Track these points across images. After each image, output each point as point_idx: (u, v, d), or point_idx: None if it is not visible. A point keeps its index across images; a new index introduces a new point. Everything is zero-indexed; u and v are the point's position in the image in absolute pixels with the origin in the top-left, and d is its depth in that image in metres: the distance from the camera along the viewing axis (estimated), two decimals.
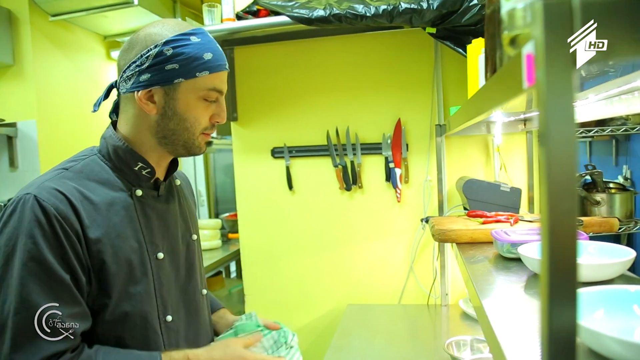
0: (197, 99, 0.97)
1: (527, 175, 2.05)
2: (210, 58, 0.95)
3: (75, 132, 2.75)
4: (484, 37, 1.51)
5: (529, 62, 0.51)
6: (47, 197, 0.87)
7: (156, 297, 0.99)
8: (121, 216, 0.96)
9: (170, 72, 0.93)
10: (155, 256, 1.00)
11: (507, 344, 0.70)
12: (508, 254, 1.19)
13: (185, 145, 1.01)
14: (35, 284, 0.84)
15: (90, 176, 0.96)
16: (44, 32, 2.55)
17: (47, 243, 0.85)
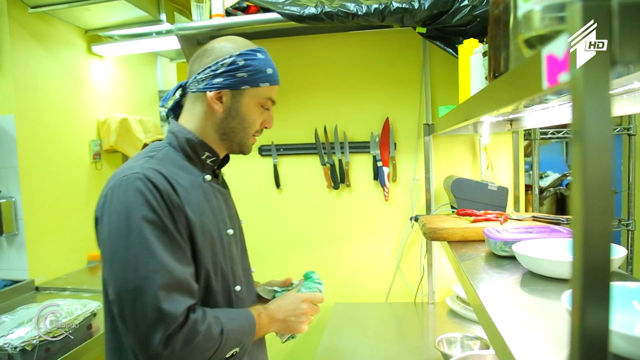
0: (256, 105, 1.16)
1: (513, 174, 2.08)
2: (271, 73, 1.16)
3: (56, 128, 2.68)
4: (475, 38, 1.53)
5: (551, 62, 0.51)
6: (154, 175, 1.00)
7: (230, 269, 1.14)
8: (200, 196, 1.10)
9: (240, 79, 1.12)
10: (226, 232, 1.16)
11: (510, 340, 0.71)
12: (501, 252, 1.21)
13: (240, 143, 1.18)
14: (162, 247, 0.96)
15: (171, 163, 1.10)
16: (23, 25, 2.48)
17: (162, 212, 0.98)
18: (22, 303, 1.95)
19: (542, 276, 1.02)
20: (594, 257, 0.41)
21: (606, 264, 0.41)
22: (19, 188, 2.43)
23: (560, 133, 2.12)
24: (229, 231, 1.16)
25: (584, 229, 0.41)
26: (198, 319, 0.98)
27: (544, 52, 0.51)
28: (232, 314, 1.09)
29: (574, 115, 0.41)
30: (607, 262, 0.41)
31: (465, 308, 1.90)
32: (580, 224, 0.41)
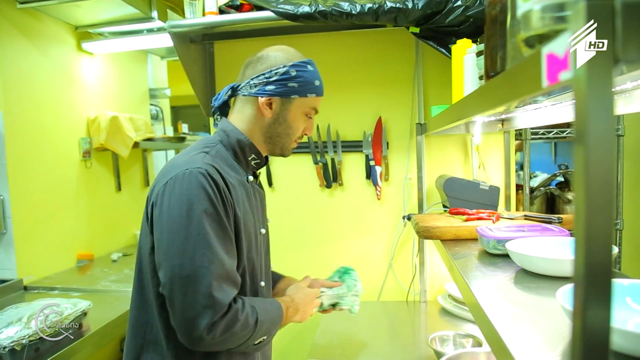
0: (302, 114, 1.24)
1: (505, 174, 2.10)
2: (318, 85, 1.25)
3: (46, 126, 2.65)
4: (468, 38, 1.54)
5: (551, 61, 0.52)
6: (213, 172, 1.07)
7: (259, 264, 1.22)
8: (243, 194, 1.17)
9: (290, 89, 1.19)
10: (260, 231, 1.24)
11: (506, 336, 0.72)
12: (494, 250, 1.22)
13: (282, 147, 1.26)
14: (218, 240, 1.04)
15: (223, 160, 1.17)
16: (11, 20, 2.45)
17: (220, 207, 1.06)
18: (11, 303, 1.93)
19: (535, 274, 1.03)
20: (596, 255, 0.41)
21: (607, 262, 0.42)
22: (8, 186, 2.40)
23: (551, 133, 2.15)
24: (262, 230, 1.25)
25: (586, 227, 0.41)
26: (239, 308, 1.06)
27: (544, 51, 0.52)
28: (265, 304, 1.17)
29: (577, 114, 0.41)
30: (609, 260, 0.42)
31: (457, 306, 1.92)
32: (582, 222, 0.41)
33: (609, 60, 0.40)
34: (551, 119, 1.44)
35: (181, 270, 1.01)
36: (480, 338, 1.54)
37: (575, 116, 0.42)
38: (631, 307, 0.75)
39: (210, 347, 1.06)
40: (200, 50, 2.21)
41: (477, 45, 1.34)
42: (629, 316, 0.73)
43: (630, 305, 0.75)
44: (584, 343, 0.43)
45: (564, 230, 1.25)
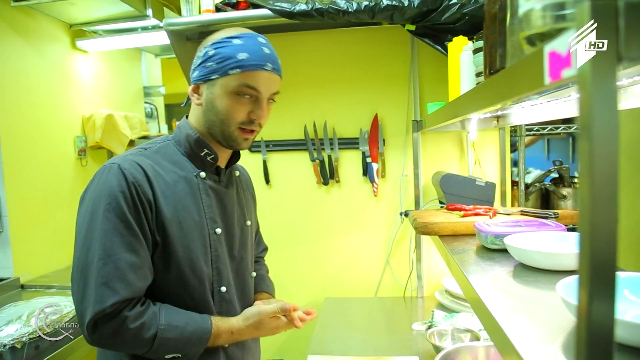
0: (230, 94, 1.08)
1: (500, 170, 2.12)
2: (244, 57, 1.06)
3: (40, 124, 2.64)
4: (464, 36, 1.56)
5: (553, 59, 0.53)
6: (128, 167, 1.03)
7: (212, 267, 1.13)
8: (186, 192, 1.10)
9: (209, 69, 1.08)
10: (214, 231, 1.14)
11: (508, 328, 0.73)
12: (492, 245, 1.24)
13: (224, 138, 1.13)
14: (116, 237, 0.99)
15: (164, 157, 1.12)
16: (5, 18, 2.43)
17: (126, 203, 1.00)
18: (8, 301, 1.93)
19: (533, 268, 1.05)
20: (601, 249, 0.42)
21: (612, 256, 0.43)
22: (3, 185, 2.39)
23: (545, 130, 2.17)
24: (217, 230, 1.14)
25: (591, 221, 0.42)
26: (130, 317, 0.98)
27: (546, 49, 0.53)
28: (186, 320, 1.06)
29: (582, 110, 0.43)
30: (614, 253, 0.43)
31: (454, 302, 1.94)
32: (587, 216, 0.42)
33: (612, 57, 0.41)
34: (546, 115, 1.46)
35: (77, 263, 1.01)
36: (478, 332, 1.56)
37: (580, 112, 0.43)
38: (629, 299, 0.76)
39: (103, 347, 1.04)
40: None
41: (473, 43, 1.36)
42: (628, 308, 0.75)
43: (628, 297, 0.77)
44: (588, 336, 0.44)
45: (561, 225, 1.27)
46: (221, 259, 1.15)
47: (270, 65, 1.10)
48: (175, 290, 1.09)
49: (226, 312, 1.15)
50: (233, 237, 1.21)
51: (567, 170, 2.11)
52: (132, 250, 1.00)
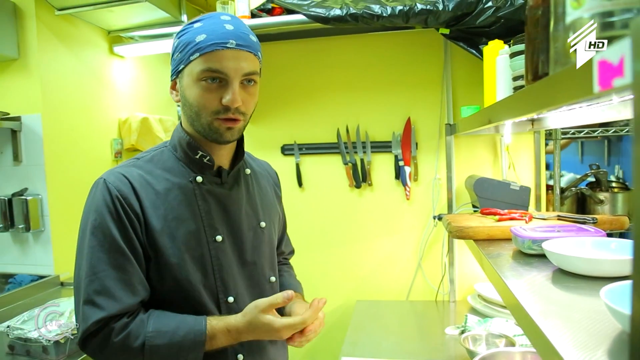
0: (195, 82, 0.99)
1: (535, 174, 2.09)
2: (202, 39, 0.97)
3: (80, 127, 2.73)
4: (498, 39, 1.55)
5: (603, 67, 0.54)
6: (113, 180, 1.00)
7: (215, 277, 1.05)
8: (179, 200, 1.04)
9: (177, 61, 1.02)
10: (214, 238, 1.06)
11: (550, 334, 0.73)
12: (529, 250, 1.22)
13: (205, 131, 1.03)
14: (102, 253, 0.96)
15: (157, 165, 1.07)
16: (49, 26, 2.53)
17: (111, 218, 0.97)
18: (49, 298, 2.00)
19: (572, 273, 1.04)
20: None
21: None
22: (45, 186, 2.48)
23: (582, 133, 2.14)
24: (218, 237, 1.06)
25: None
26: (115, 329, 0.94)
27: (596, 57, 0.54)
28: (171, 325, 0.98)
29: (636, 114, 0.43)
30: None
31: (488, 306, 1.92)
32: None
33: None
34: (584, 119, 1.44)
35: (73, 281, 1.00)
36: (513, 338, 1.55)
37: (634, 117, 0.43)
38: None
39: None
40: None
41: (510, 47, 1.35)
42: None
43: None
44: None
45: (600, 231, 1.25)
46: (225, 268, 1.06)
47: (234, 42, 0.98)
48: (177, 303, 1.02)
49: None
50: (242, 242, 1.12)
51: (604, 174, 2.08)
52: (118, 267, 0.96)
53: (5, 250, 2.55)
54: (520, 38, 1.20)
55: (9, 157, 2.50)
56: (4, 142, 2.50)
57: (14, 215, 2.44)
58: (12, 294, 2.22)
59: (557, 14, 0.71)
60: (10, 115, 2.44)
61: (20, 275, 2.44)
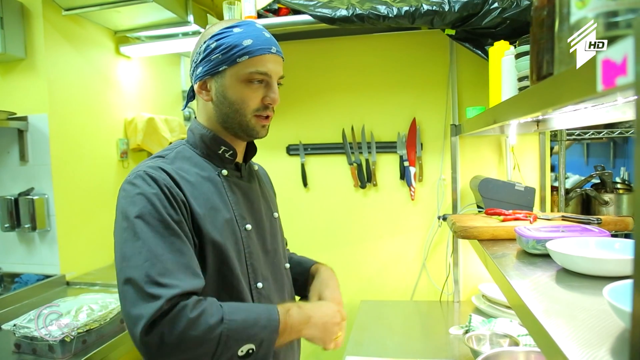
0: (241, 83, 1.07)
1: (539, 175, 2.09)
2: (249, 44, 1.06)
3: (86, 127, 2.75)
4: (504, 40, 1.56)
5: (606, 66, 0.54)
6: (154, 172, 1.02)
7: (247, 264, 1.11)
8: (212, 191, 1.08)
9: (215, 62, 1.07)
10: (245, 227, 1.11)
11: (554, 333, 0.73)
12: (533, 250, 1.23)
13: (242, 128, 1.11)
14: (159, 239, 0.96)
15: (184, 160, 1.11)
16: (56, 26, 2.55)
17: (162, 204, 0.98)
18: (55, 297, 2.01)
19: (576, 273, 1.04)
20: None
21: None
22: (52, 185, 2.50)
23: (587, 134, 2.14)
24: (247, 226, 1.12)
25: None
26: (188, 305, 0.91)
27: (600, 56, 0.54)
28: (243, 305, 1.01)
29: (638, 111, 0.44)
30: None
31: (492, 306, 1.93)
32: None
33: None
34: (589, 120, 1.44)
35: (122, 276, 0.94)
36: (517, 338, 1.55)
37: (637, 115, 0.44)
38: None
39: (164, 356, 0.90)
40: None
41: (515, 47, 1.36)
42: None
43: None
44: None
45: (605, 231, 1.25)
46: (254, 255, 1.13)
47: (275, 48, 1.10)
48: (213, 291, 1.04)
49: None
50: (264, 231, 1.19)
51: (609, 175, 2.07)
52: (177, 251, 0.96)
53: (12, 250, 2.57)
54: (526, 39, 1.21)
55: (15, 156, 2.52)
56: (10, 141, 2.52)
57: (20, 215, 2.46)
58: (18, 293, 2.24)
59: (562, 14, 0.72)
60: (17, 115, 2.46)
61: (27, 275, 2.46)
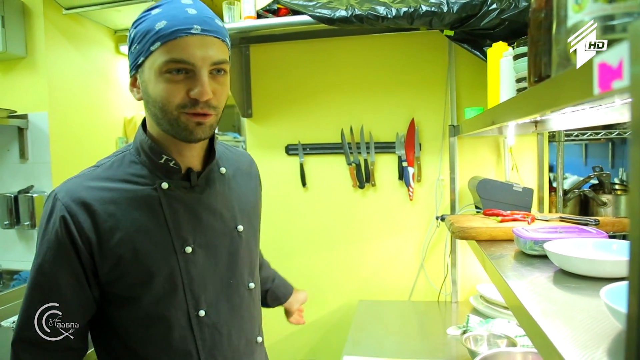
0: (159, 75, 0.88)
1: (537, 175, 2.10)
2: (162, 27, 0.86)
3: (86, 125, 2.76)
4: (503, 41, 1.56)
5: (602, 70, 0.55)
6: (63, 197, 0.92)
7: (185, 292, 0.98)
8: (143, 210, 0.95)
9: (135, 54, 0.91)
10: (183, 250, 0.97)
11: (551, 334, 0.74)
12: (531, 251, 1.23)
13: (173, 129, 0.92)
14: (38, 286, 0.93)
15: (117, 173, 0.97)
16: (57, 25, 2.56)
17: (52, 245, 0.92)
18: None
19: (573, 274, 1.04)
20: None
21: None
22: (51, 183, 2.50)
23: (585, 135, 2.15)
24: (187, 249, 0.97)
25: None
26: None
27: (596, 60, 0.55)
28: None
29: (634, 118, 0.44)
30: None
31: (490, 307, 1.93)
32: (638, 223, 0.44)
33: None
34: (587, 121, 1.45)
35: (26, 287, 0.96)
36: (514, 339, 1.56)
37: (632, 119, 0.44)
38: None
39: None
40: (236, 53, 2.28)
41: (513, 49, 1.36)
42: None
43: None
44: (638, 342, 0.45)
45: (602, 232, 1.26)
46: (196, 281, 0.99)
47: (199, 27, 0.88)
48: (140, 326, 0.97)
49: (210, 337, 1.01)
50: (216, 250, 1.03)
51: (607, 176, 2.08)
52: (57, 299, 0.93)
53: (11, 247, 2.57)
54: (524, 40, 1.21)
55: (15, 154, 2.53)
56: (10, 139, 2.53)
57: (20, 213, 2.47)
58: (17, 290, 2.24)
59: (560, 17, 0.72)
60: (17, 113, 2.47)
61: (26, 272, 2.46)
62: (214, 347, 1.02)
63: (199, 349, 1.00)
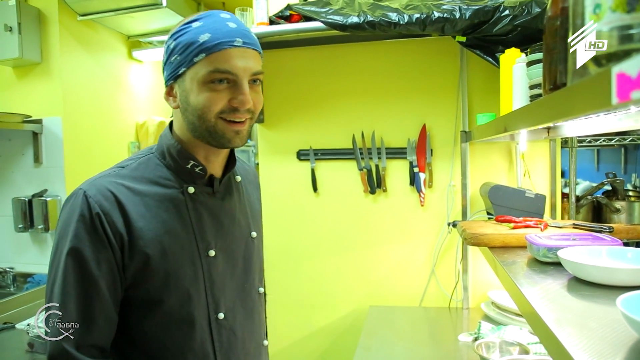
0: (202, 85, 0.92)
1: (550, 182, 2.09)
2: (206, 39, 0.90)
3: (98, 130, 2.79)
4: (515, 47, 1.56)
5: (621, 80, 0.55)
6: (95, 194, 0.92)
7: (206, 294, 1.00)
8: (171, 213, 0.97)
9: (175, 64, 0.94)
10: (207, 253, 1.00)
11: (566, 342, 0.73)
12: (544, 258, 1.23)
13: (211, 135, 0.96)
14: (72, 276, 0.90)
15: (144, 175, 0.99)
16: (72, 31, 2.59)
17: (87, 238, 0.90)
18: None
19: (587, 282, 1.04)
20: None
21: None
22: (64, 187, 2.53)
23: (598, 141, 2.14)
24: (211, 252, 1.01)
25: None
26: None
27: (614, 69, 0.55)
28: None
29: None
30: None
31: (501, 314, 1.92)
32: None
33: None
34: (601, 128, 1.44)
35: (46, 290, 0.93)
36: (527, 346, 1.55)
37: None
38: None
39: None
40: None
41: (527, 55, 1.36)
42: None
43: None
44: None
45: (617, 240, 1.25)
46: (217, 284, 1.02)
47: (240, 40, 0.93)
48: (160, 325, 0.98)
49: (227, 340, 1.04)
50: (234, 255, 1.08)
51: (621, 183, 2.07)
52: (87, 307, 0.91)
53: (25, 250, 2.60)
54: (537, 46, 1.21)
55: (29, 158, 2.56)
56: (25, 144, 2.56)
57: (34, 216, 2.50)
58: (31, 293, 2.27)
59: (576, 25, 0.72)
60: (32, 118, 2.50)
61: (39, 275, 2.49)
62: (230, 350, 1.04)
63: (216, 352, 1.02)
